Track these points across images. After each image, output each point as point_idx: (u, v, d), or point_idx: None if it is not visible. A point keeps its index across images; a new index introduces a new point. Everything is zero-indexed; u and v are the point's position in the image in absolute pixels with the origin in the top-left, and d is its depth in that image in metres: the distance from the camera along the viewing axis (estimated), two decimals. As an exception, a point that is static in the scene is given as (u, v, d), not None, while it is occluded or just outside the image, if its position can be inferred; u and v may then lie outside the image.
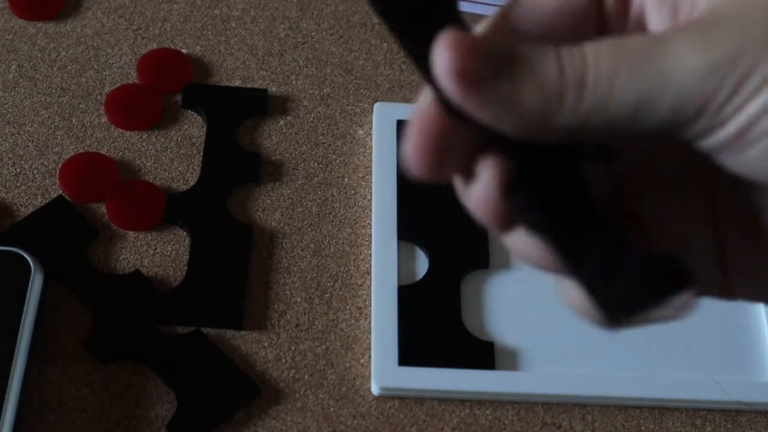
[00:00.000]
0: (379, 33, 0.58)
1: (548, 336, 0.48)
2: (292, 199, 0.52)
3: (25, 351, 0.44)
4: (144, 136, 0.53)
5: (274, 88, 0.55)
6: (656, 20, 0.28)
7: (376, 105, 0.54)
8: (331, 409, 0.46)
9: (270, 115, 0.54)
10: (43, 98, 0.54)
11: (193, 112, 0.54)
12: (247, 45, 0.57)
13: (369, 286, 0.49)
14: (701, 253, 0.29)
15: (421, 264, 0.50)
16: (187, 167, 0.52)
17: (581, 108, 0.25)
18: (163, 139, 0.53)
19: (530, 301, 0.49)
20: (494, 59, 0.25)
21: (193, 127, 0.54)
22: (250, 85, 0.55)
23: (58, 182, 0.51)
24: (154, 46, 0.56)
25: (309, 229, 0.51)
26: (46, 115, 0.53)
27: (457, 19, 0.26)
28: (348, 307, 0.49)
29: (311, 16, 0.58)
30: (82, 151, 0.52)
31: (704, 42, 0.25)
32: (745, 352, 0.49)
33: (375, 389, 0.46)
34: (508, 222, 0.27)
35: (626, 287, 0.26)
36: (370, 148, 0.53)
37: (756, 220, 0.28)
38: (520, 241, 0.28)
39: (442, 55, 0.25)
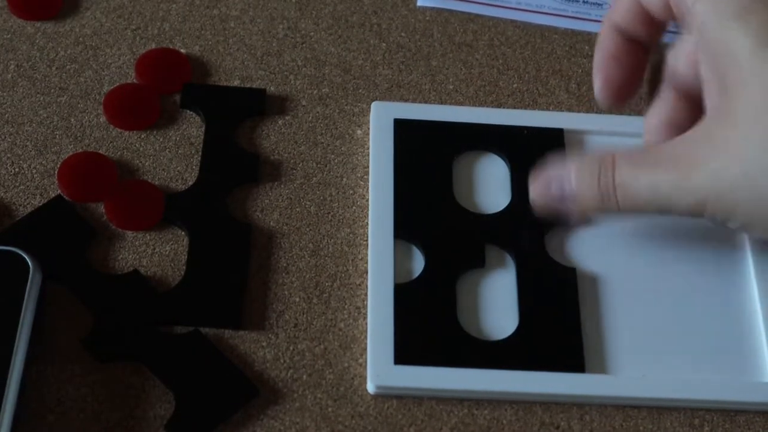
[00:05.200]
0: (377, 33, 0.58)
1: (546, 336, 0.48)
2: (291, 199, 0.52)
3: (23, 351, 0.44)
4: (142, 136, 0.53)
5: (272, 88, 0.55)
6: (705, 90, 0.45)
7: (374, 104, 0.54)
8: (330, 409, 0.46)
9: (268, 115, 0.54)
10: (41, 98, 0.54)
11: (191, 112, 0.54)
12: (245, 45, 0.57)
13: (367, 286, 0.49)
14: None
15: (418, 262, 0.50)
16: (186, 167, 0.52)
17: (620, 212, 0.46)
18: (161, 139, 0.53)
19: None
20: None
21: (192, 127, 0.54)
22: (248, 85, 0.55)
23: (56, 182, 0.51)
24: (153, 46, 0.56)
25: (307, 229, 0.51)
26: (45, 115, 0.53)
27: None
28: (346, 306, 0.49)
29: (310, 16, 0.58)
30: (80, 150, 0.52)
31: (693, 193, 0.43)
32: (744, 352, 0.49)
33: (371, 388, 0.46)
34: None
35: None
36: (369, 147, 0.53)
37: None
38: None
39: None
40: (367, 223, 0.51)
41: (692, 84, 0.47)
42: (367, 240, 0.50)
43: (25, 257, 0.46)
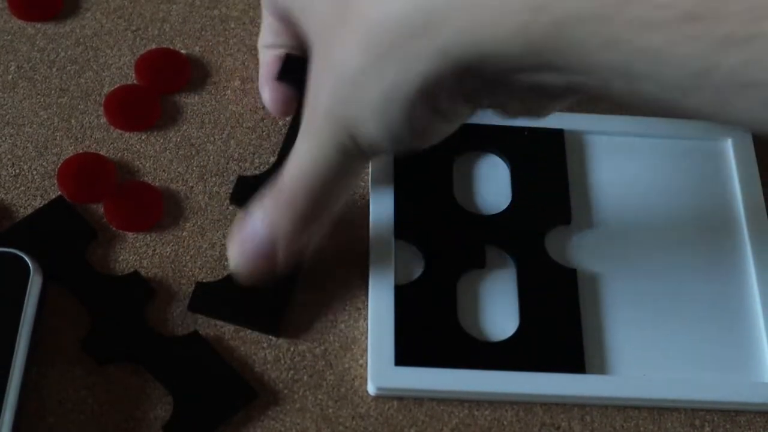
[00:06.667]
0: (378, 33, 0.58)
1: (547, 336, 0.48)
2: (291, 199, 0.52)
3: (23, 353, 0.44)
4: (142, 137, 0.53)
5: (273, 89, 0.55)
6: None
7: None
8: (330, 410, 0.46)
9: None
10: (42, 99, 0.54)
11: (190, 114, 0.54)
12: (246, 45, 0.57)
13: (367, 287, 0.49)
14: None
15: (418, 263, 0.49)
16: (186, 168, 0.52)
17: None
18: (161, 140, 0.53)
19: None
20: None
21: (192, 128, 0.54)
22: (248, 86, 0.55)
23: (56, 183, 0.51)
24: (153, 47, 0.56)
25: (308, 230, 0.51)
26: (45, 116, 0.53)
27: None
28: (347, 307, 0.49)
29: (310, 16, 0.58)
30: (80, 151, 0.52)
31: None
32: (744, 352, 0.49)
33: (372, 389, 0.46)
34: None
35: None
36: (369, 148, 0.53)
37: None
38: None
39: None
40: (367, 224, 0.51)
41: None
42: (367, 241, 0.50)
43: (26, 259, 0.46)
